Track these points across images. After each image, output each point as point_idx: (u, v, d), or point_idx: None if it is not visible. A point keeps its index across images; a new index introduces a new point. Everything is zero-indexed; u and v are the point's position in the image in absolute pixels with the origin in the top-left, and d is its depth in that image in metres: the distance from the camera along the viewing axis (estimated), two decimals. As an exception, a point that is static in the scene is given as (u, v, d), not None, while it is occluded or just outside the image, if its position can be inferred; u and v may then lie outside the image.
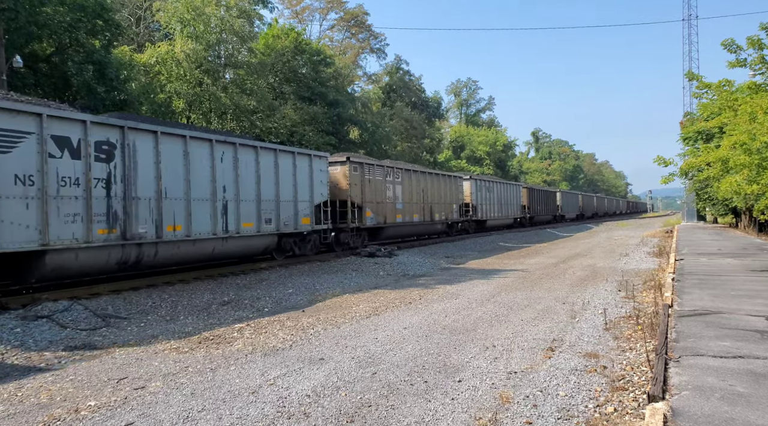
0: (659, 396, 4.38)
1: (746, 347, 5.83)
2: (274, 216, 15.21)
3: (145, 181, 11.36)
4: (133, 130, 11.18)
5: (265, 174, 14.83)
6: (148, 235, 11.37)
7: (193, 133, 12.83)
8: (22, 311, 9.05)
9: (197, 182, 12.67)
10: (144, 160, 11.34)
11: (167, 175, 11.90)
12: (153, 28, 35.39)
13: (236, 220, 13.76)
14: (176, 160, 12.20)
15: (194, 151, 12.62)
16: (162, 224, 11.71)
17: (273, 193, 15.16)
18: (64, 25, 20.62)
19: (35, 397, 5.64)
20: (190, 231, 12.41)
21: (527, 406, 4.99)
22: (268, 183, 15.00)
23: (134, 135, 11.19)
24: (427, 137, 58.63)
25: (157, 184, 11.63)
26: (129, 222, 10.98)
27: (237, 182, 13.77)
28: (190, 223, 12.40)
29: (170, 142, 12.04)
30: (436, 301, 10.87)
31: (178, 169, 12.24)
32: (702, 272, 12.38)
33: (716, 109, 17.00)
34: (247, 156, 14.25)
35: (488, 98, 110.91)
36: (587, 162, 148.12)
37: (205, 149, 12.99)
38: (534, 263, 18.30)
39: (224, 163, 13.46)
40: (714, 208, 36.69)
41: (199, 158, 12.78)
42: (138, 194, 11.20)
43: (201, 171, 12.81)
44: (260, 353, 7.11)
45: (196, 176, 12.65)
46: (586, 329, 8.02)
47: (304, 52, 36.95)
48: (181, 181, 12.26)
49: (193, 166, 12.55)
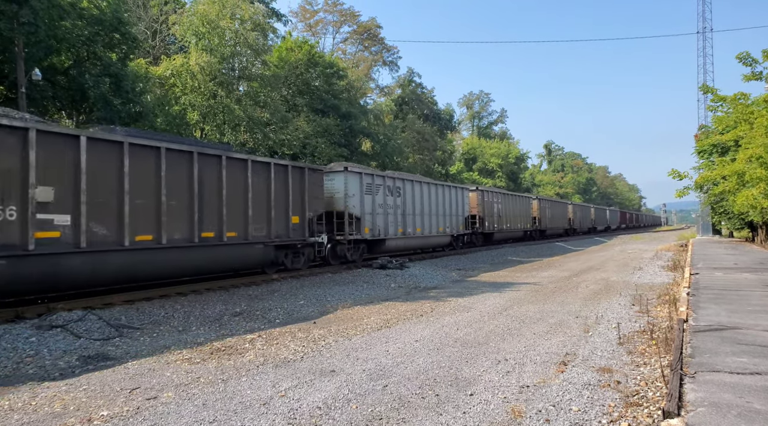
0: (674, 412, 4.31)
1: (764, 363, 5.73)
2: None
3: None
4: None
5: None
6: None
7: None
8: (38, 321, 9.15)
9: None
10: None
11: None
12: (168, 41, 35.98)
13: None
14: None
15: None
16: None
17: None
18: (82, 39, 21.06)
19: (49, 406, 5.69)
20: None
21: (539, 421, 4.94)
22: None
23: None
24: (439, 149, 58.71)
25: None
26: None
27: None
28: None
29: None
30: (448, 314, 10.82)
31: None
32: (718, 287, 12.21)
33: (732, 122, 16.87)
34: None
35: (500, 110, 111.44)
36: (600, 175, 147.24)
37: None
38: (546, 276, 18.17)
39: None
40: (729, 222, 36.20)
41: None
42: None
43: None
44: (271, 364, 7.12)
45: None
46: (599, 343, 7.93)
47: (317, 64, 37.31)
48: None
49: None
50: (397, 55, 67.33)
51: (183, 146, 12.75)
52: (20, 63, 19.40)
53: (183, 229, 12.42)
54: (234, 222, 13.91)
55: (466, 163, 72.97)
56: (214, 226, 13.29)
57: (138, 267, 11.45)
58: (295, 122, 32.83)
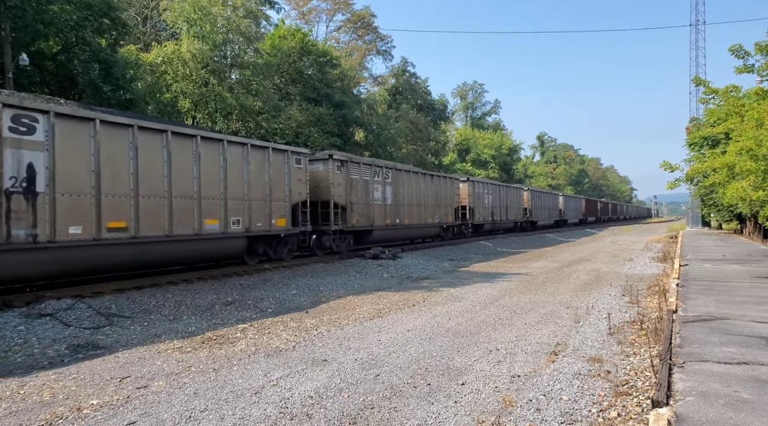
0: (663, 401, 4.35)
1: (751, 353, 5.79)
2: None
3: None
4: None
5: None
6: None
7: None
8: (26, 309, 9.08)
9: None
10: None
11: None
12: (159, 27, 35.55)
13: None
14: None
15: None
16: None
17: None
18: (71, 24, 20.73)
19: (38, 395, 5.65)
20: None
21: (530, 410, 4.97)
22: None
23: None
24: (433, 140, 58.64)
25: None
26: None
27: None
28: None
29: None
30: (440, 304, 10.85)
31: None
32: (707, 278, 12.32)
33: (723, 114, 16.91)
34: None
35: (494, 101, 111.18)
36: (592, 166, 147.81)
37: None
38: (538, 267, 18.25)
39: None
40: (719, 214, 36.52)
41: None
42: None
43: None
44: (263, 354, 7.11)
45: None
46: (590, 334, 7.98)
47: (311, 53, 37.03)
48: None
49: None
50: (391, 44, 66.78)
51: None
52: (7, 48, 19.11)
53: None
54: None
55: (460, 154, 72.94)
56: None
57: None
58: (287, 111, 32.62)
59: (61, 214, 9.91)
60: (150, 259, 12.14)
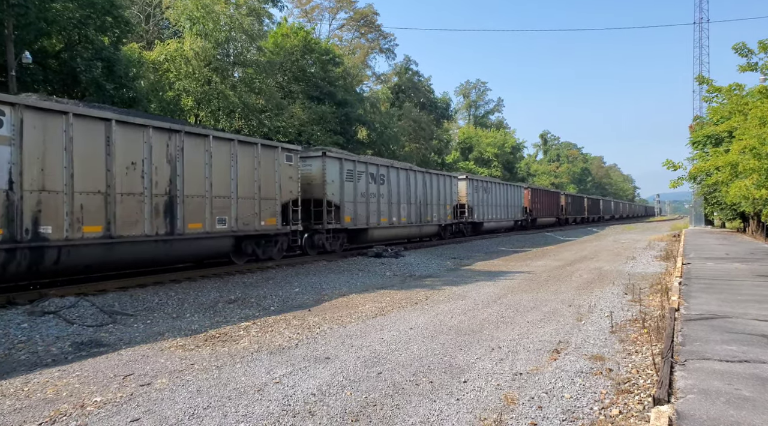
0: (665, 399, 4.36)
1: (752, 351, 5.80)
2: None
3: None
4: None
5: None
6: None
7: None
8: (29, 307, 9.13)
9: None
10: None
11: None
12: (162, 25, 35.55)
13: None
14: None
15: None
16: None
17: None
18: (74, 22, 20.74)
19: (41, 392, 5.68)
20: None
21: (532, 408, 4.98)
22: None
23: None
24: (436, 138, 58.55)
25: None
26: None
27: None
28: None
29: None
30: (443, 302, 10.86)
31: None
32: (709, 276, 12.31)
33: (726, 113, 16.86)
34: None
35: (497, 100, 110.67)
36: (595, 165, 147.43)
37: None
38: (540, 266, 18.25)
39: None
40: (722, 212, 36.42)
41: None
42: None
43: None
44: (266, 351, 7.13)
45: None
46: (592, 332, 7.99)
47: (313, 51, 37.00)
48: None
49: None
50: (394, 42, 66.59)
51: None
52: (10, 46, 19.12)
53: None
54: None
55: (462, 152, 72.81)
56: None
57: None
58: (290, 109, 32.62)
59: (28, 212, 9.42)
60: (123, 258, 11.53)
